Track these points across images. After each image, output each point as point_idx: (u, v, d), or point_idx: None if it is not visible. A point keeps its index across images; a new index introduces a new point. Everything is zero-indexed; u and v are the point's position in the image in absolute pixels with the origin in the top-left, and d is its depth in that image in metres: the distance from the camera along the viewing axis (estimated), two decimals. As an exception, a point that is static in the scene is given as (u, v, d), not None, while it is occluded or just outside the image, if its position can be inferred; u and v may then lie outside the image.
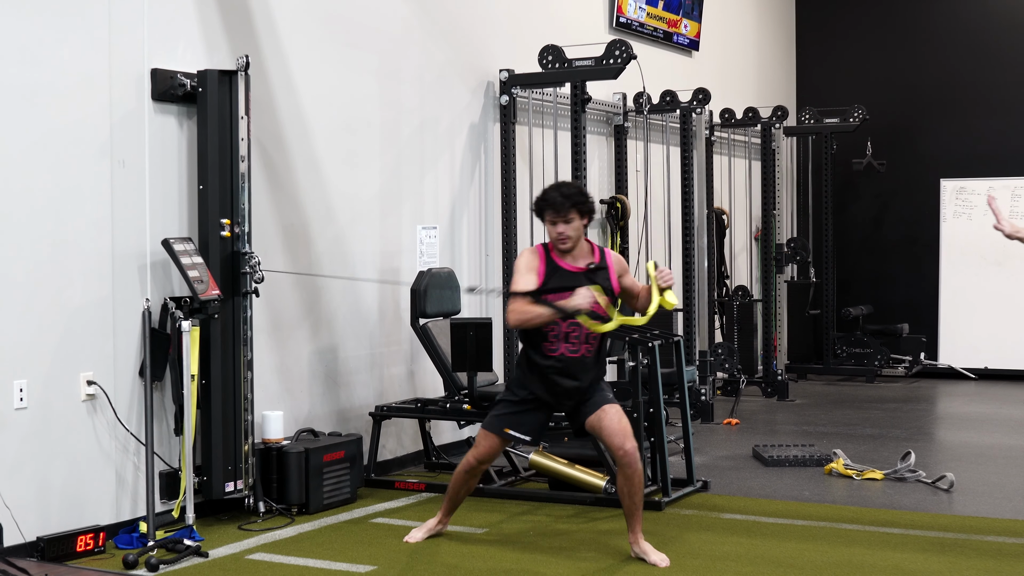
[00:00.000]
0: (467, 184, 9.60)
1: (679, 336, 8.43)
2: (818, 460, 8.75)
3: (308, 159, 8.08)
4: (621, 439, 6.21)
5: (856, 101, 14.20)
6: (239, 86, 7.05)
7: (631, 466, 6.19)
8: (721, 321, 12.78)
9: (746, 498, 7.79)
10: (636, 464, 6.20)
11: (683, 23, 12.80)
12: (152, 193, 6.95)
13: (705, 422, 10.71)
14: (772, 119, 12.95)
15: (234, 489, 7.05)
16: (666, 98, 11.35)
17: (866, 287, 15.06)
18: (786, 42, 15.64)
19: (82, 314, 6.56)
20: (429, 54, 9.23)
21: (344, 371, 8.35)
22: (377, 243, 8.60)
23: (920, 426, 10.80)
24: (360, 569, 6.14)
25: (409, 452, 8.85)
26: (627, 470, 6.21)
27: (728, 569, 6.11)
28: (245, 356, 7.11)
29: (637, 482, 6.23)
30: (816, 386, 13.56)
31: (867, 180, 14.88)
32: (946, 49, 14.81)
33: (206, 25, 7.33)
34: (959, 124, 14.63)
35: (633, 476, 6.21)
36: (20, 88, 6.26)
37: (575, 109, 9.70)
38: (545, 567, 6.16)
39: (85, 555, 6.30)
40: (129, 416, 6.78)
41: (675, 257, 11.59)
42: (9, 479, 6.14)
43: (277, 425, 7.44)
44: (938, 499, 7.75)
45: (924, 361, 14.08)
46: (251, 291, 7.11)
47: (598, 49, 9.61)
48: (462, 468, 6.57)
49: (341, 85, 8.37)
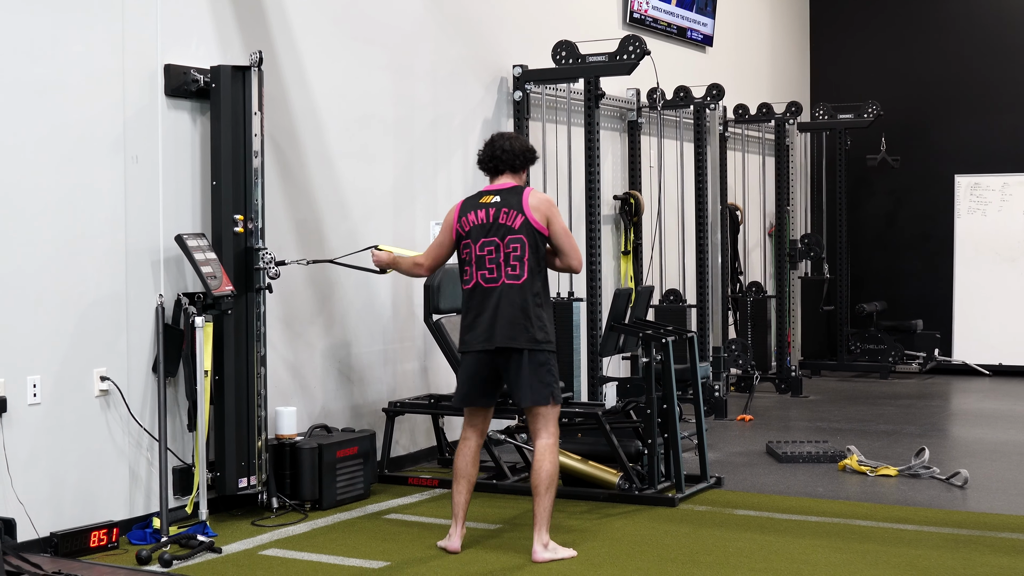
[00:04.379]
0: (480, 180, 9.53)
1: (693, 332, 8.43)
2: (832, 456, 8.73)
3: (321, 155, 8.08)
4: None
5: (870, 97, 14.17)
6: (252, 82, 7.05)
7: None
8: (735, 317, 12.77)
9: (760, 494, 7.77)
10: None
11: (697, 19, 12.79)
12: (165, 189, 6.95)
13: (719, 418, 10.71)
14: (786, 115, 12.92)
15: (247, 485, 7.06)
16: (680, 94, 11.34)
17: (880, 283, 15.03)
18: (800, 37, 15.61)
19: (95, 310, 6.56)
20: (442, 50, 9.22)
21: (357, 367, 8.35)
22: (391, 238, 8.59)
23: (934, 422, 10.77)
24: (373, 565, 6.14)
25: (422, 448, 8.85)
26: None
27: (742, 565, 6.10)
28: (258, 352, 7.12)
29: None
30: (830, 382, 13.53)
31: (881, 176, 14.85)
32: (961, 44, 14.77)
33: (219, 21, 7.34)
34: (974, 120, 14.59)
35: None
36: (33, 84, 6.27)
37: (589, 105, 9.69)
38: (558, 563, 6.15)
39: (98, 551, 6.30)
40: (142, 412, 6.79)
41: (689, 253, 11.58)
42: (23, 474, 6.15)
43: (290, 421, 7.44)
44: (952, 495, 7.73)
45: (938, 357, 14.06)
46: (264, 287, 7.11)
47: (612, 45, 9.61)
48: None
49: (354, 81, 8.37)
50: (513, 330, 6.22)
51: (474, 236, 6.32)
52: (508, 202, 6.33)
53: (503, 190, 6.41)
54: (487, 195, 6.42)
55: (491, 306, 6.26)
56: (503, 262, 6.26)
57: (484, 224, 6.32)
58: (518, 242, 6.26)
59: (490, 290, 6.28)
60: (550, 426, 6.33)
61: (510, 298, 6.24)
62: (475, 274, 6.32)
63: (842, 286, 14.16)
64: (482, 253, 6.30)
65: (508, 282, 6.25)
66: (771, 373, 12.62)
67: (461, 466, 6.46)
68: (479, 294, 6.31)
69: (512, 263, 6.25)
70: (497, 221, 6.30)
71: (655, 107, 11.16)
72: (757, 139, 13.62)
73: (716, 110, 11.36)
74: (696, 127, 11.38)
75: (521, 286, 6.24)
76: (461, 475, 6.45)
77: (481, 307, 6.30)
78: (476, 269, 6.32)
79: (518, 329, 6.23)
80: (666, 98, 11.14)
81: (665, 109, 11.37)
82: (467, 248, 6.36)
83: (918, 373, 14.02)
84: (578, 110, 10.03)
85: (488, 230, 6.30)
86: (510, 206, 6.31)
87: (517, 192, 6.37)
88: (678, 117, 11.86)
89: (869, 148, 14.52)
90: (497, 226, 6.29)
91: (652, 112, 11.47)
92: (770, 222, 13.70)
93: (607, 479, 7.60)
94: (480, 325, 6.29)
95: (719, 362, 10.96)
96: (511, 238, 6.26)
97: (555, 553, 6.22)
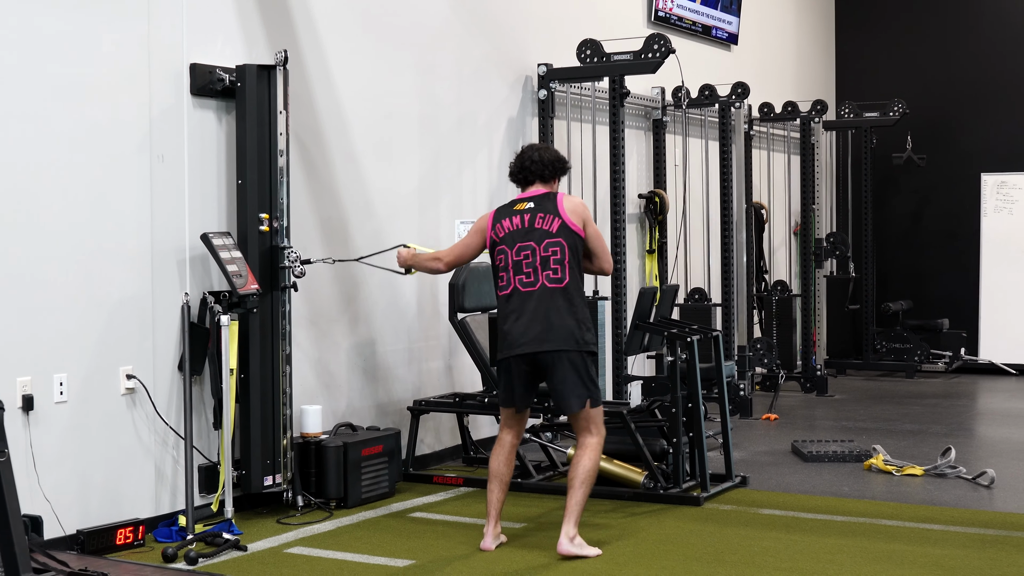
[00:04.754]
0: (505, 179, 9.49)
1: (718, 331, 8.41)
2: (857, 456, 8.71)
3: (346, 154, 8.09)
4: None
5: (896, 95, 14.12)
6: (278, 81, 7.06)
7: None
8: (760, 316, 12.73)
9: (785, 494, 7.75)
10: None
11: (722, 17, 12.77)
12: (191, 188, 6.97)
13: (744, 417, 10.69)
14: (811, 113, 12.88)
15: (273, 483, 7.07)
16: (705, 92, 11.32)
17: (906, 282, 14.96)
18: (825, 35, 15.56)
19: (121, 308, 6.59)
20: (467, 48, 9.23)
21: (382, 365, 8.36)
22: (416, 237, 8.59)
23: (960, 422, 10.73)
24: (398, 563, 6.14)
25: (447, 447, 8.85)
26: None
27: (767, 564, 6.09)
28: (284, 350, 7.13)
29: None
30: (855, 381, 13.49)
31: (907, 174, 14.79)
32: (987, 42, 14.69)
33: (245, 20, 7.35)
34: (1000, 118, 14.51)
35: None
36: (60, 84, 6.29)
37: (613, 103, 9.68)
38: (583, 562, 6.15)
39: (124, 548, 6.33)
40: (168, 410, 6.81)
41: (714, 252, 11.56)
42: (49, 472, 6.17)
43: (315, 419, 7.45)
44: (979, 495, 7.70)
45: (964, 357, 14.00)
46: (290, 285, 7.13)
47: (636, 43, 9.60)
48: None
49: (379, 80, 8.38)
50: (557, 332, 6.21)
51: (509, 242, 6.33)
52: (543, 207, 6.34)
53: (536, 196, 6.43)
54: (520, 202, 6.44)
55: (530, 309, 6.25)
56: (540, 266, 6.26)
57: (519, 230, 6.32)
58: (557, 245, 6.26)
59: (528, 294, 6.27)
60: (598, 426, 6.37)
61: (553, 301, 6.23)
62: (512, 279, 6.32)
63: (868, 285, 14.11)
64: (518, 258, 6.29)
65: (549, 285, 6.24)
66: (796, 372, 12.59)
67: (495, 466, 6.48)
68: (516, 298, 6.30)
69: (552, 266, 6.25)
70: (533, 226, 6.31)
71: (680, 106, 11.14)
72: (782, 137, 13.58)
73: (741, 108, 11.34)
74: (721, 126, 11.36)
75: (564, 288, 6.25)
76: (494, 475, 6.47)
77: (520, 311, 6.28)
78: (513, 274, 6.31)
79: (563, 332, 6.22)
80: (691, 96, 11.12)
81: (690, 108, 11.35)
82: (502, 255, 6.36)
83: (944, 372, 13.96)
84: (603, 109, 10.02)
85: (524, 235, 6.31)
86: (545, 211, 6.32)
87: (551, 197, 6.39)
88: (703, 116, 11.84)
89: (895, 146, 14.47)
90: (533, 231, 6.30)
91: (677, 111, 11.46)
92: (795, 221, 13.67)
93: (632, 478, 7.60)
94: (519, 328, 6.27)
95: (744, 361, 10.94)
96: (549, 242, 6.27)
97: (580, 549, 6.21)
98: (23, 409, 6.07)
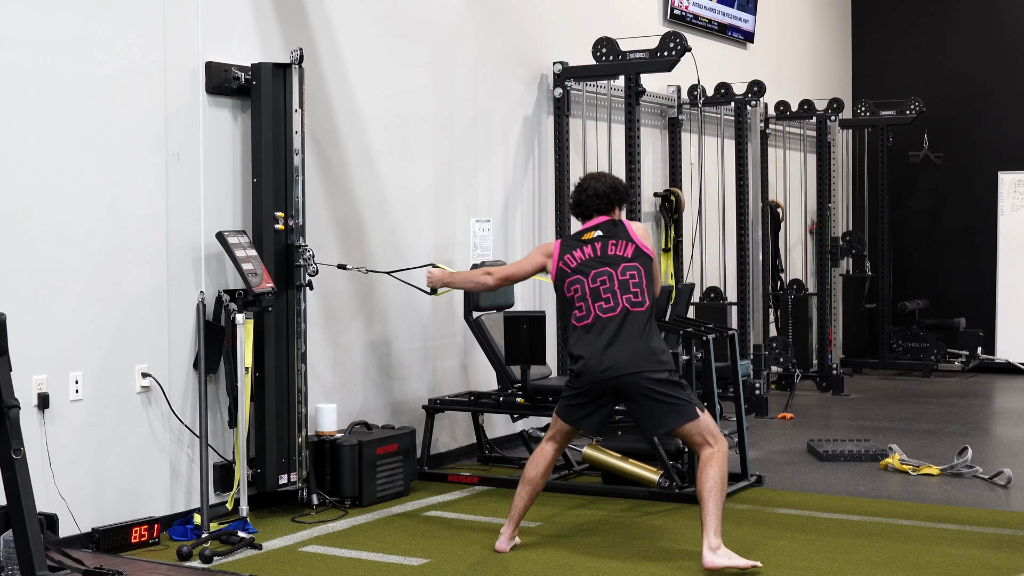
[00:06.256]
0: (521, 177, 9.59)
1: (733, 330, 8.40)
2: (873, 455, 8.68)
3: (362, 152, 8.09)
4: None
5: (913, 93, 14.08)
6: (293, 79, 7.06)
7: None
8: (776, 315, 12.72)
9: (801, 493, 7.74)
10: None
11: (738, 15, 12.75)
12: (206, 186, 6.98)
13: (759, 416, 10.66)
14: (828, 111, 12.85)
15: (288, 481, 7.07)
16: (721, 90, 11.30)
17: (922, 281, 14.92)
18: (842, 34, 15.52)
19: (137, 306, 6.59)
20: (483, 47, 9.22)
21: (397, 364, 8.35)
22: (431, 236, 8.60)
23: (977, 421, 10.69)
24: (413, 562, 6.14)
25: (462, 445, 8.85)
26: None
27: (783, 564, 6.07)
28: (299, 349, 7.13)
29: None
30: (871, 381, 13.45)
31: (924, 173, 14.75)
32: (1004, 40, 14.64)
33: (260, 18, 7.36)
34: (1017, 116, 14.45)
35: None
36: (76, 82, 6.30)
37: (629, 102, 9.67)
38: (598, 561, 6.14)
39: (139, 546, 6.33)
40: (183, 408, 6.82)
41: (730, 250, 11.54)
42: (65, 470, 6.18)
43: (331, 418, 7.45)
44: (995, 495, 7.67)
45: (981, 356, 13.97)
46: (305, 284, 7.13)
47: (652, 41, 9.58)
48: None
49: (395, 78, 8.37)
50: (640, 356, 6.09)
51: (584, 271, 6.22)
52: (612, 234, 6.29)
53: (601, 224, 6.35)
54: (587, 232, 6.35)
55: (611, 333, 6.13)
56: (619, 290, 6.17)
57: (592, 258, 6.23)
58: (634, 269, 6.19)
59: (609, 319, 6.15)
60: (714, 435, 6.21)
61: (637, 325, 6.14)
62: (591, 307, 6.19)
63: (884, 284, 14.07)
64: (595, 285, 6.19)
65: (633, 310, 6.15)
66: (812, 371, 12.56)
67: (532, 474, 6.36)
68: (598, 325, 6.16)
69: (632, 290, 6.17)
70: (606, 253, 6.23)
71: (696, 104, 11.12)
72: (798, 136, 13.55)
73: (757, 107, 11.31)
74: (737, 124, 11.33)
75: (645, 312, 6.17)
76: (528, 481, 6.36)
77: (602, 335, 6.15)
78: (592, 302, 6.19)
79: (647, 355, 6.11)
80: (707, 95, 11.10)
81: (706, 106, 11.33)
82: (577, 284, 6.23)
83: (960, 371, 13.92)
84: (618, 107, 10.01)
85: (599, 262, 6.22)
86: (616, 237, 6.27)
87: (617, 224, 6.35)
88: (719, 114, 11.82)
89: (911, 145, 14.42)
90: (607, 257, 6.22)
91: (693, 109, 11.43)
92: (811, 219, 13.64)
93: (647, 477, 7.58)
94: (598, 353, 6.13)
95: (760, 360, 10.91)
96: (626, 266, 6.20)
97: (729, 559, 5.94)
98: (39, 407, 6.09)
